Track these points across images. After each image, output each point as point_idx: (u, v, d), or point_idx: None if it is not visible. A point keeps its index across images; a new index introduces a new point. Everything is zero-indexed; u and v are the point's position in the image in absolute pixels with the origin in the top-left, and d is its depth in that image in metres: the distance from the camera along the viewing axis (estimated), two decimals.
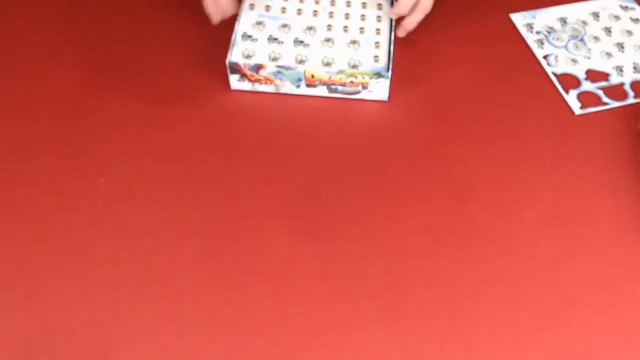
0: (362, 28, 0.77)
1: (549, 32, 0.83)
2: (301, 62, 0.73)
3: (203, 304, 0.60)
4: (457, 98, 0.75)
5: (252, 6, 0.80)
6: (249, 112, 0.74)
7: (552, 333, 0.58)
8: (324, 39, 0.76)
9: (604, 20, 0.84)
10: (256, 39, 0.76)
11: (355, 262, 0.62)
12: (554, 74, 0.78)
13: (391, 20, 0.78)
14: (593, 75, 0.78)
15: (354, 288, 0.61)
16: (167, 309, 0.60)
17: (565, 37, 0.82)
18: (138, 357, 0.57)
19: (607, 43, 0.81)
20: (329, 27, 0.77)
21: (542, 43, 0.81)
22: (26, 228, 0.65)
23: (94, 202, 0.67)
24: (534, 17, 0.85)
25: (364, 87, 0.73)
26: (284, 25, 0.77)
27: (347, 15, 0.79)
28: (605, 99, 0.75)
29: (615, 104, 0.75)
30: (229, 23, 0.77)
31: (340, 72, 0.71)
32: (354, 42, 0.76)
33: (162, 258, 0.62)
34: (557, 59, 0.79)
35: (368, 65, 0.73)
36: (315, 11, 0.79)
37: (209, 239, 0.64)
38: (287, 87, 0.75)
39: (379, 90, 0.73)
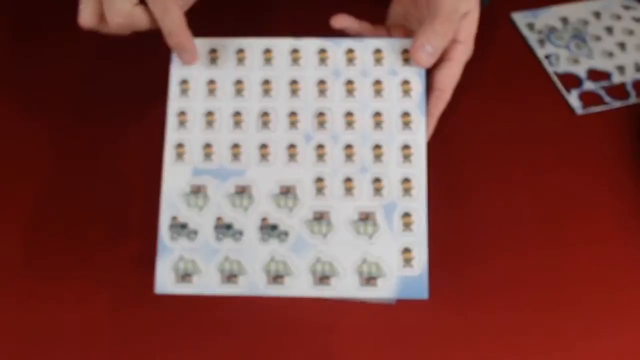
0: (378, 182, 0.45)
1: (550, 32, 0.82)
2: (277, 278, 0.43)
3: None
4: (457, 98, 0.75)
5: (179, 153, 0.45)
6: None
7: (552, 333, 0.58)
8: (312, 216, 0.44)
9: (606, 20, 0.84)
10: (195, 231, 0.44)
11: None
12: (555, 73, 0.78)
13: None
14: (594, 74, 0.77)
15: None
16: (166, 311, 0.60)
17: (567, 36, 0.82)
18: None
19: (609, 42, 0.81)
20: (319, 182, 0.44)
21: (544, 42, 0.81)
22: (26, 227, 0.65)
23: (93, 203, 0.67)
24: (535, 16, 0.84)
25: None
26: (240, 192, 0.44)
27: (349, 150, 0.46)
28: (606, 98, 0.75)
29: (616, 103, 0.75)
30: None
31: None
32: (365, 217, 0.44)
33: None
34: (559, 59, 0.79)
35: (392, 269, 0.45)
36: (292, 147, 0.45)
37: None
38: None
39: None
